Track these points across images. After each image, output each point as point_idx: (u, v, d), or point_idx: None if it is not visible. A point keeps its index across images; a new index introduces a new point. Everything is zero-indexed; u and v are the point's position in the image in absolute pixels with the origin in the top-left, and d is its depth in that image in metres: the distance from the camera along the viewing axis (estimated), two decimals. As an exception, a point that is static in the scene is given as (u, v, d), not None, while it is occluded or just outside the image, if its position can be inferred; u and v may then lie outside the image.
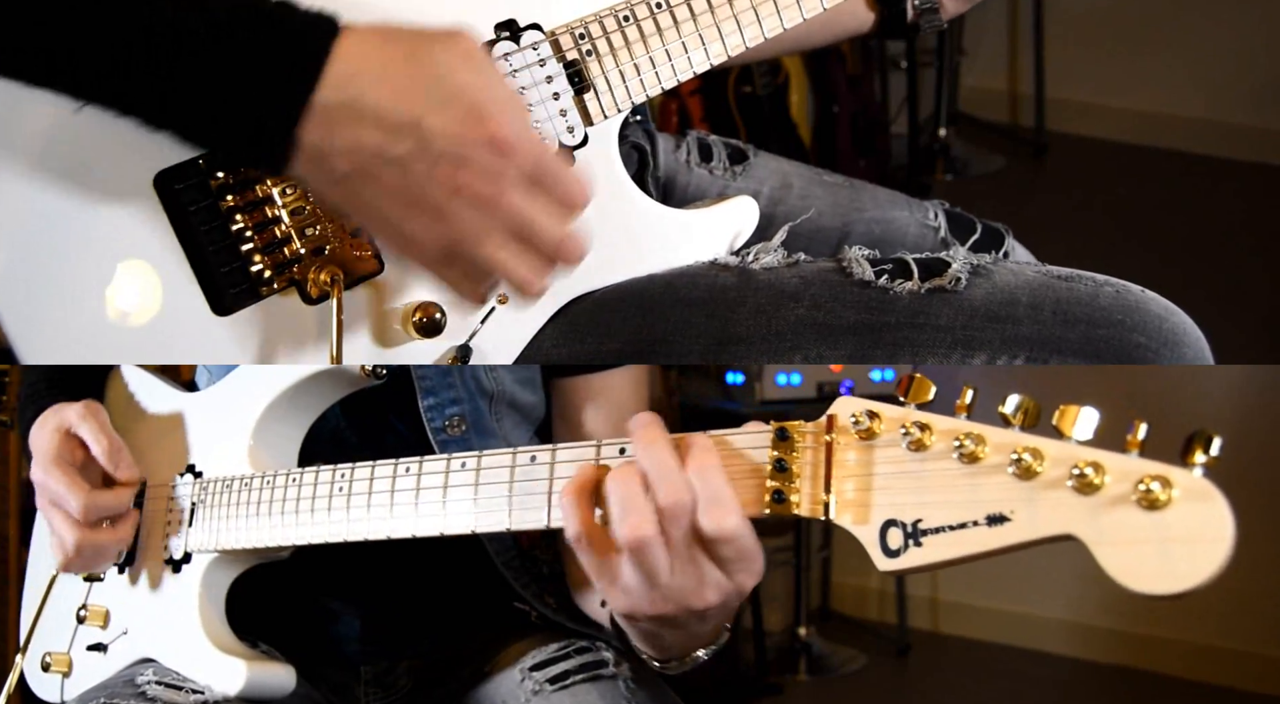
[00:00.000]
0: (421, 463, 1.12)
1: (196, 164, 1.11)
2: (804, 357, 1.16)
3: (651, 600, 0.94)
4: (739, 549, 0.92)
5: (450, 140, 0.99)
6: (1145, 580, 0.75)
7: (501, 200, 1.01)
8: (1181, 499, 0.75)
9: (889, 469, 0.87)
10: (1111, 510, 0.77)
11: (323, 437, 1.34)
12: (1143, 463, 0.77)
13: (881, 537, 0.86)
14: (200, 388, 1.47)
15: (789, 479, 0.91)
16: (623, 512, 0.92)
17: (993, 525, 0.81)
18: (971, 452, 0.82)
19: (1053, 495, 0.79)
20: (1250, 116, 4.04)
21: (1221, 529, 0.74)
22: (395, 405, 1.36)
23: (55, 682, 1.45)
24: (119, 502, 1.34)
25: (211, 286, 1.13)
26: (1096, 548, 0.77)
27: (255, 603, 1.35)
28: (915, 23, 1.46)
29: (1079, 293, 1.14)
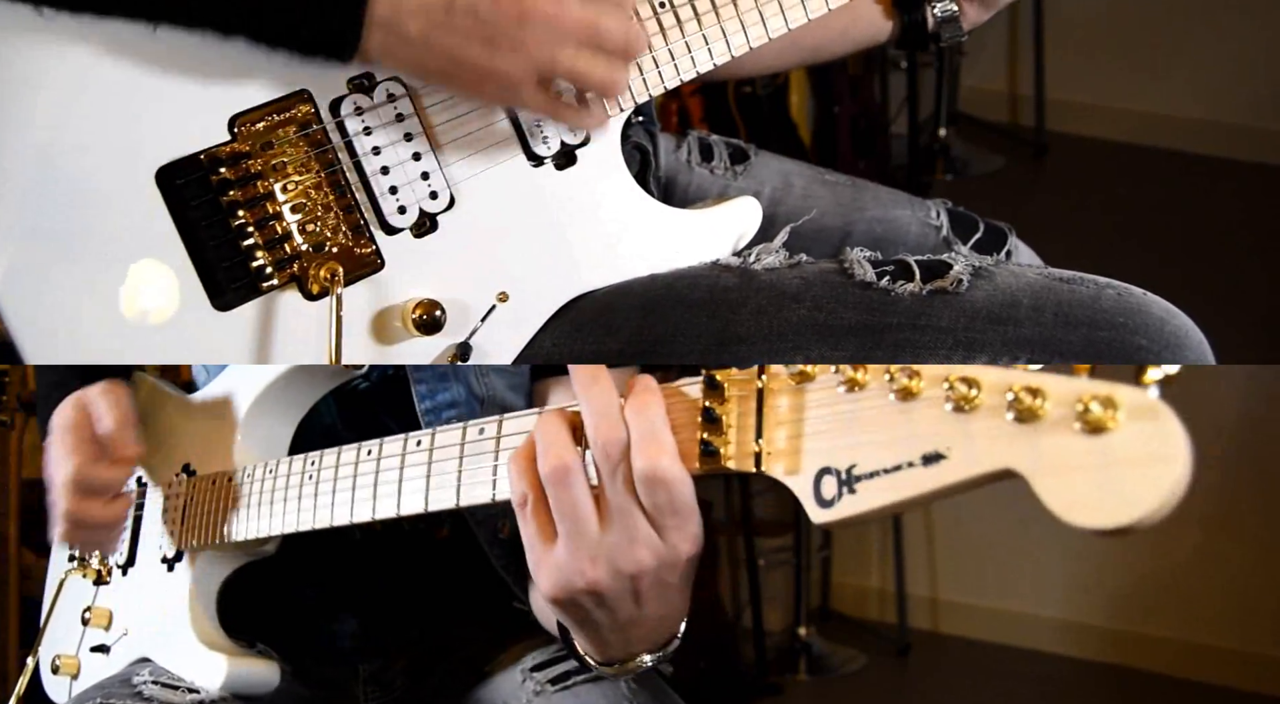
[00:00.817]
0: (381, 444, 1.12)
1: (198, 159, 1.11)
2: (805, 357, 1.15)
3: (580, 566, 0.90)
4: (672, 499, 0.87)
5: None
6: (1087, 513, 0.66)
7: (565, 12, 1.09)
8: (1127, 420, 0.66)
9: (822, 413, 0.80)
10: (1051, 437, 0.68)
11: (318, 436, 1.34)
12: (1086, 383, 0.68)
13: (815, 486, 0.79)
14: (199, 387, 1.47)
15: (719, 430, 0.85)
16: (545, 447, 0.90)
17: (929, 464, 0.73)
18: (905, 386, 0.75)
19: (990, 425, 0.71)
20: (1250, 117, 4.04)
21: (1172, 448, 0.65)
22: (388, 404, 1.36)
23: (64, 684, 1.45)
24: (113, 476, 1.34)
25: (212, 282, 1.13)
26: (1035, 480, 0.68)
27: (253, 602, 1.35)
28: (936, 32, 1.45)
29: (1081, 295, 1.14)
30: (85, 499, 1.34)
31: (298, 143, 1.14)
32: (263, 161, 1.13)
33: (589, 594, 0.92)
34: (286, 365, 1.28)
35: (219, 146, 1.12)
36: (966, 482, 0.72)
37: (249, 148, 1.13)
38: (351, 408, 1.37)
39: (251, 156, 1.13)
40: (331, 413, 1.36)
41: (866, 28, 1.48)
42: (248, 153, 1.13)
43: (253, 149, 1.13)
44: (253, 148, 1.13)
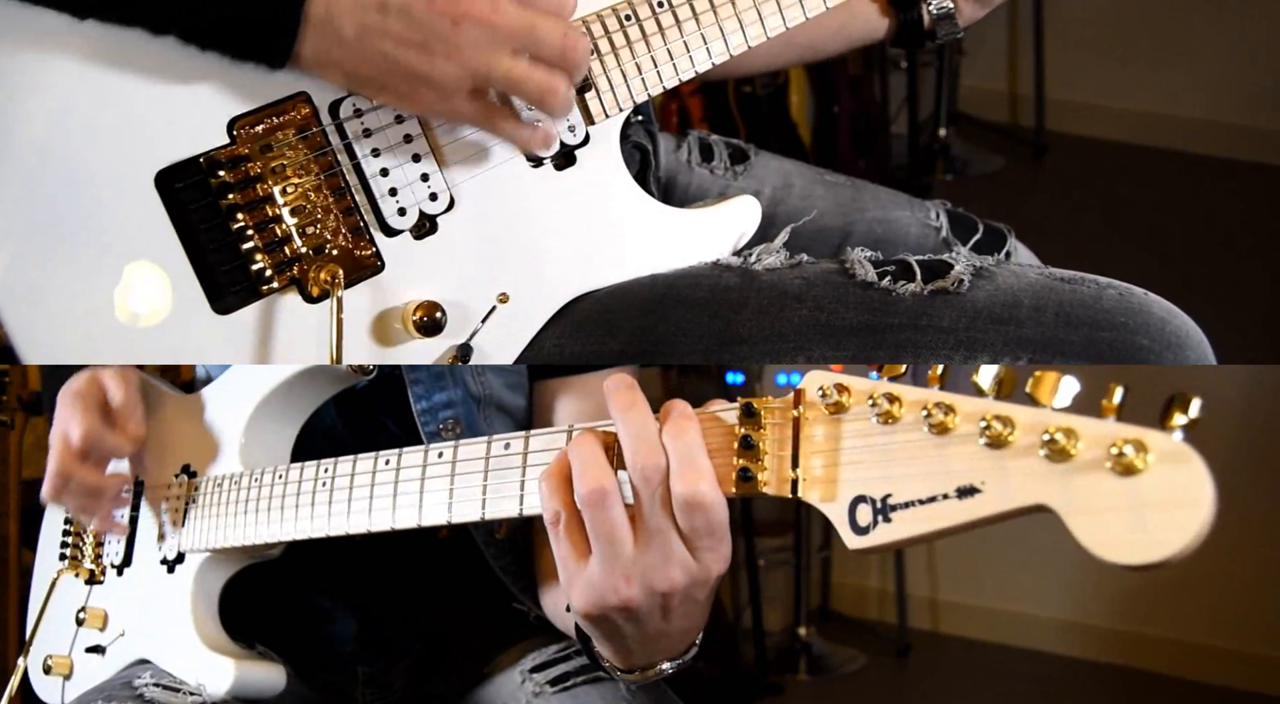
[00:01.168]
0: (400, 455, 1.12)
1: (197, 163, 1.11)
2: (807, 357, 1.15)
3: (614, 584, 0.92)
4: (709, 522, 0.90)
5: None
6: (1119, 550, 0.70)
7: (499, 16, 1.08)
8: (1157, 463, 0.70)
9: (857, 443, 0.83)
10: (1084, 477, 0.72)
11: (317, 436, 1.34)
12: (1117, 426, 0.72)
13: (850, 513, 0.82)
14: (199, 386, 1.47)
15: (755, 457, 0.89)
16: (582, 469, 0.91)
17: (963, 498, 0.77)
18: (940, 421, 0.78)
19: (1024, 464, 0.75)
20: (1250, 117, 4.04)
21: (1199, 493, 0.69)
22: (387, 405, 1.36)
23: (56, 684, 1.45)
24: (118, 445, 1.35)
25: (212, 285, 1.13)
26: (1069, 517, 0.72)
27: (253, 604, 1.35)
28: (932, 30, 1.45)
29: (1082, 295, 1.14)
30: (85, 462, 1.34)
31: (297, 145, 1.14)
32: (262, 164, 1.13)
33: (621, 610, 0.93)
34: (292, 367, 1.27)
35: (218, 150, 1.12)
36: (999, 515, 0.76)
37: (248, 151, 1.13)
38: (351, 408, 1.37)
39: (251, 159, 1.13)
40: (331, 413, 1.36)
41: (863, 26, 1.47)
42: (247, 156, 1.13)
43: (252, 152, 1.13)
44: (252, 151, 1.13)
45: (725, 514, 0.91)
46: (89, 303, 1.10)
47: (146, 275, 1.11)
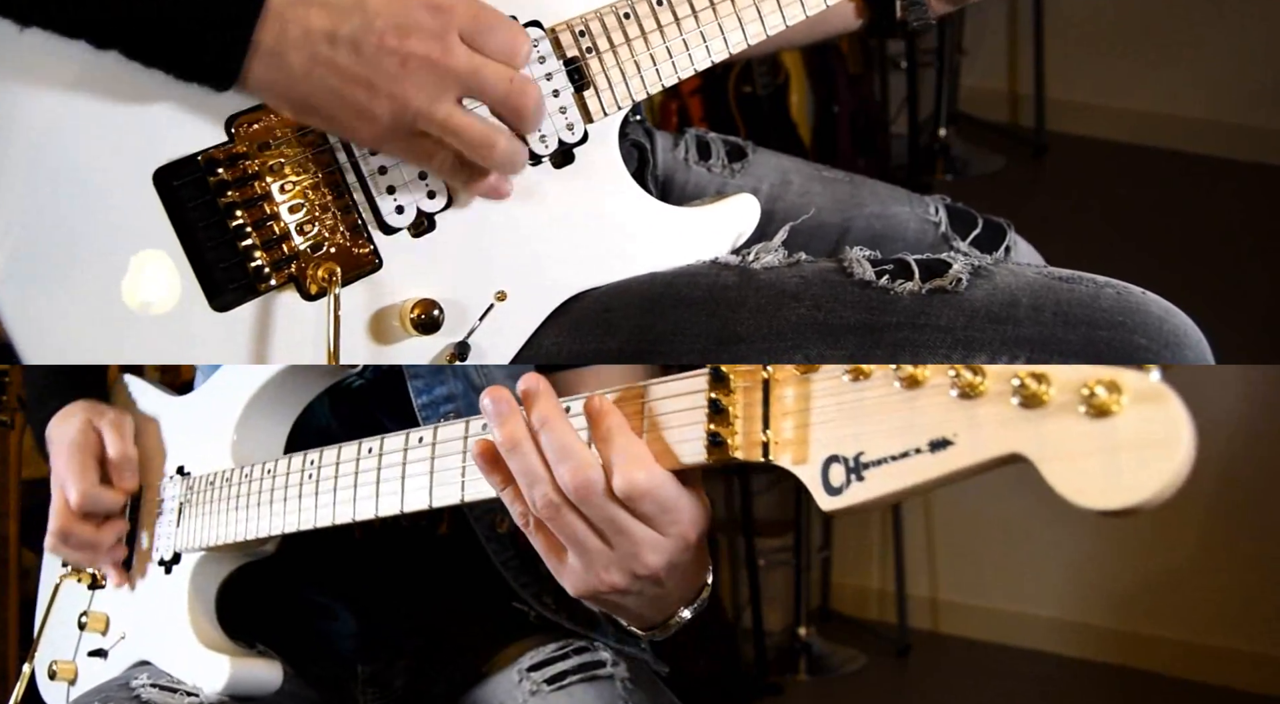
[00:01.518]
0: (383, 441, 1.13)
1: (195, 160, 1.11)
2: (805, 356, 1.15)
3: (597, 575, 0.95)
4: (659, 502, 0.91)
5: (392, 11, 1.05)
6: (1094, 495, 0.68)
7: (449, 58, 1.06)
8: (1132, 404, 0.68)
9: (828, 402, 0.82)
10: (1056, 422, 0.70)
11: (312, 436, 1.34)
12: (1089, 368, 0.70)
13: (823, 474, 0.81)
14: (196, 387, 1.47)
15: (725, 421, 0.88)
16: (529, 485, 0.94)
17: (935, 451, 0.75)
18: (910, 375, 0.77)
19: (995, 412, 0.73)
20: (1250, 116, 4.04)
21: (1175, 432, 0.67)
22: (384, 403, 1.36)
23: (61, 690, 1.45)
24: (113, 502, 1.39)
25: (210, 283, 1.13)
26: (1042, 464, 0.70)
27: (252, 603, 1.35)
28: (903, 19, 1.45)
29: (1080, 294, 1.14)
30: (83, 521, 1.38)
31: (295, 143, 1.14)
32: (260, 162, 1.13)
33: (612, 591, 0.96)
34: (279, 365, 1.27)
35: (216, 147, 1.12)
36: (974, 467, 0.74)
37: (246, 148, 1.13)
38: (346, 406, 1.37)
39: (249, 157, 1.13)
40: (326, 412, 1.36)
41: (835, 18, 1.47)
42: (245, 153, 1.13)
43: (250, 150, 1.13)
44: (250, 148, 1.13)
45: (672, 486, 0.92)
46: (88, 301, 1.10)
47: (145, 274, 1.11)
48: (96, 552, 1.40)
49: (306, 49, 1.04)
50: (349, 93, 1.06)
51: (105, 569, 1.42)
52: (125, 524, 1.40)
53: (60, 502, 1.38)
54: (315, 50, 1.04)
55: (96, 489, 1.37)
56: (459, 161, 1.13)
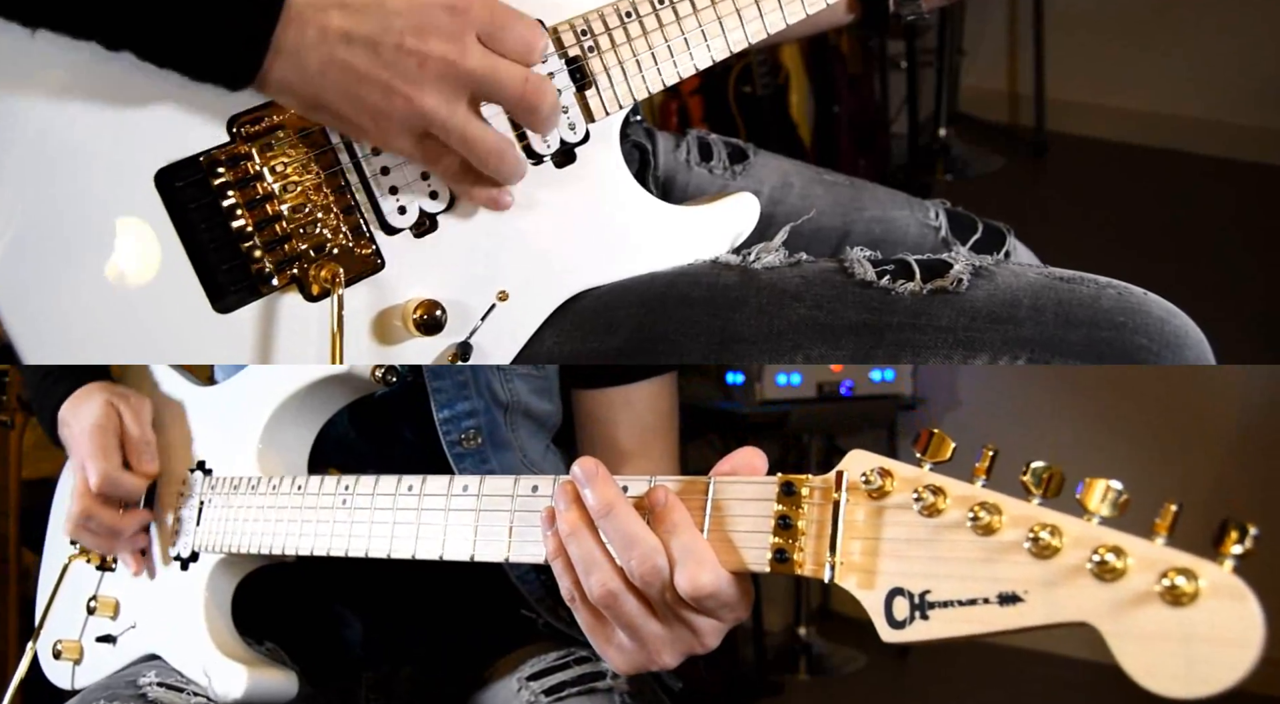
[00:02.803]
0: (424, 482, 1.12)
1: (197, 161, 1.11)
2: (805, 356, 1.15)
3: (649, 656, 0.95)
4: (720, 601, 0.91)
5: (410, 12, 1.05)
6: (1164, 681, 0.70)
7: (465, 60, 1.07)
8: (1208, 595, 0.70)
9: (899, 534, 0.82)
10: (1132, 602, 0.72)
11: (329, 442, 1.34)
12: (1168, 552, 0.72)
13: (887, 605, 0.82)
14: (217, 379, 1.47)
15: (793, 537, 0.88)
16: (584, 568, 0.93)
17: (1005, 605, 0.76)
18: (987, 523, 0.77)
19: (1071, 579, 0.74)
20: (1250, 116, 4.04)
21: (1250, 632, 0.69)
22: (405, 414, 1.35)
23: (66, 669, 1.45)
24: (134, 487, 1.37)
25: (212, 284, 1.13)
26: (1113, 640, 0.72)
27: (261, 604, 1.35)
28: (896, 13, 1.45)
29: (1081, 295, 1.14)
30: (105, 505, 1.37)
31: (297, 143, 1.14)
32: (262, 163, 1.13)
33: (663, 669, 0.97)
34: (311, 371, 1.27)
35: (218, 148, 1.12)
36: (1041, 626, 0.75)
37: (248, 149, 1.13)
38: (365, 414, 1.37)
39: (251, 158, 1.13)
40: (344, 419, 1.36)
41: (827, 13, 1.47)
42: (247, 154, 1.13)
43: (252, 150, 1.13)
44: (252, 149, 1.13)
45: (733, 588, 0.91)
46: (89, 302, 1.10)
47: (147, 274, 1.11)
48: (116, 539, 1.39)
49: (324, 49, 1.04)
50: (364, 93, 1.06)
51: (124, 557, 1.41)
52: (148, 513, 1.39)
53: (82, 483, 1.37)
54: (332, 50, 1.04)
55: (119, 472, 1.36)
56: (464, 167, 1.13)
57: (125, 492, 1.37)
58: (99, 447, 1.36)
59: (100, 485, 1.35)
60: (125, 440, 1.39)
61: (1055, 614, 0.74)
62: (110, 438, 1.37)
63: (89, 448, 1.36)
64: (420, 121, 1.08)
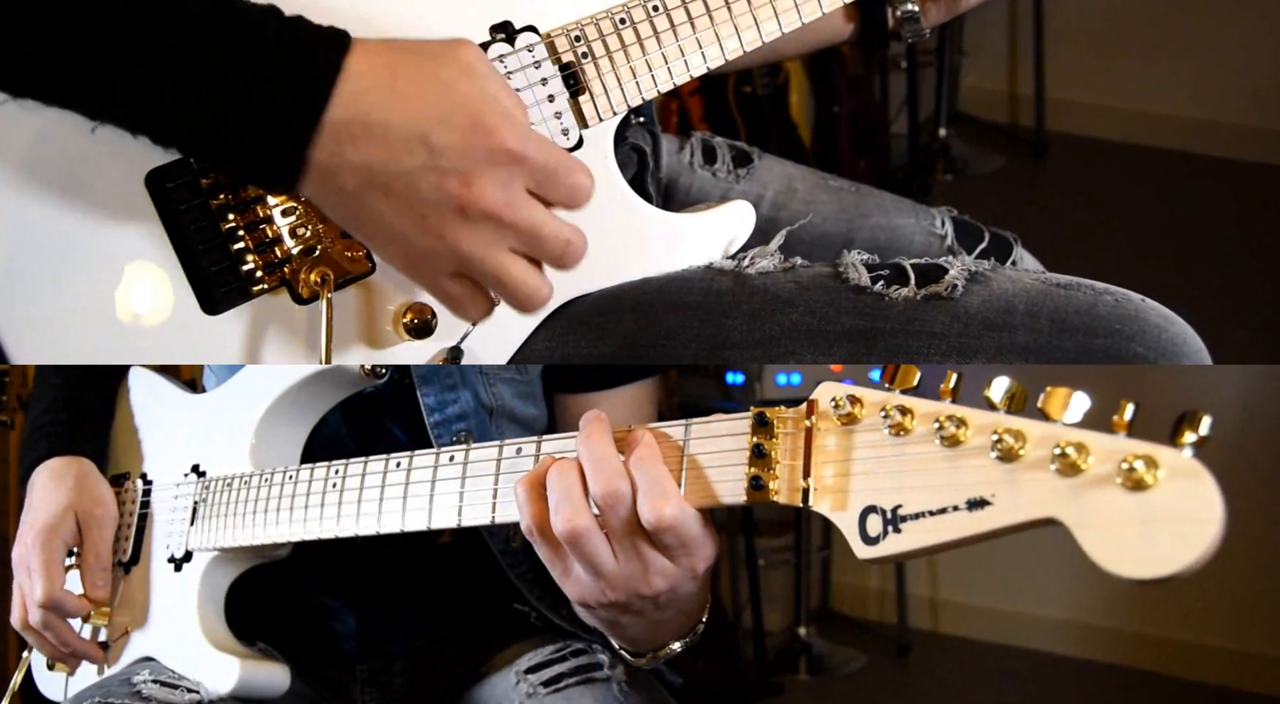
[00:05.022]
0: (412, 457, 1.13)
1: (188, 163, 1.11)
2: (798, 361, 1.15)
3: (600, 589, 0.96)
4: (681, 536, 0.93)
5: (458, 153, 1.00)
6: (1129, 564, 0.72)
7: (511, 210, 1.03)
8: (1168, 479, 0.72)
9: (869, 454, 0.85)
10: (1095, 491, 0.74)
11: (320, 441, 1.34)
12: (1128, 442, 0.74)
13: (860, 523, 0.84)
14: (206, 388, 1.47)
15: (767, 465, 0.90)
16: (557, 503, 0.95)
17: (973, 510, 0.78)
18: (953, 434, 0.80)
19: (1035, 477, 0.76)
20: (1250, 116, 4.04)
21: (1209, 509, 0.71)
22: (394, 411, 1.35)
23: (60, 680, 1.45)
24: (78, 609, 1.37)
25: (202, 285, 1.12)
26: (1078, 530, 0.74)
27: (254, 601, 1.35)
28: (896, 31, 1.44)
29: (1077, 301, 1.13)
30: (46, 613, 1.36)
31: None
32: (253, 164, 1.13)
33: (612, 607, 0.98)
34: (304, 369, 1.27)
35: (209, 150, 1.12)
36: (1009, 527, 0.78)
37: (240, 151, 1.12)
38: (355, 413, 1.37)
39: (242, 160, 1.12)
40: (335, 417, 1.36)
41: (825, 29, 1.46)
42: (238, 156, 1.12)
43: (243, 152, 1.12)
44: (243, 151, 1.12)
45: (696, 524, 0.93)
46: (78, 303, 1.10)
47: (137, 275, 1.11)
48: (65, 646, 1.39)
49: (361, 175, 1.00)
50: (397, 225, 1.03)
51: (77, 656, 1.41)
52: (100, 653, 1.40)
53: (20, 600, 1.36)
54: (370, 177, 1.00)
55: (62, 594, 1.35)
56: (489, 308, 1.11)
57: (69, 612, 1.37)
58: (43, 560, 1.34)
59: (44, 603, 1.34)
60: (82, 562, 1.38)
61: (1021, 512, 0.77)
62: (56, 554, 1.36)
63: (34, 556, 1.35)
64: (451, 262, 1.05)
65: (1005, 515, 0.77)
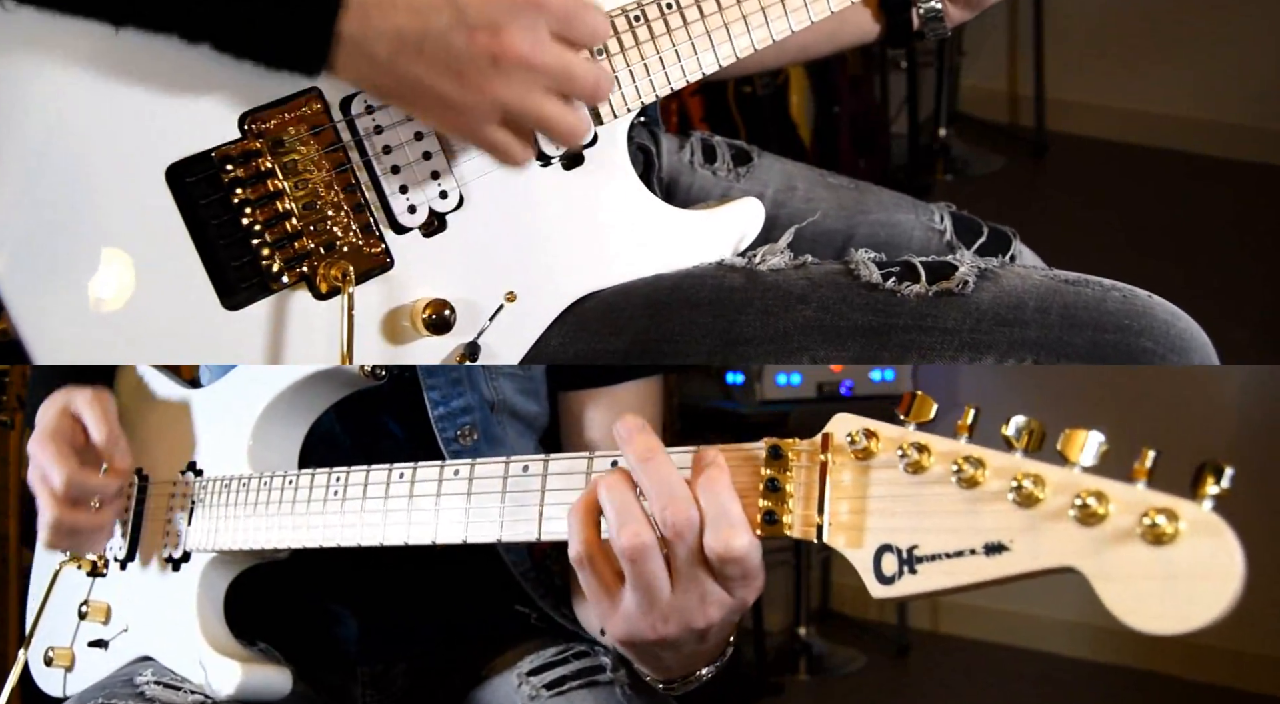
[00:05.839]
0: (415, 469, 1.12)
1: (208, 157, 1.11)
2: (811, 358, 1.16)
3: (651, 623, 0.94)
4: (744, 569, 0.91)
5: (483, 6, 1.05)
6: (1148, 619, 0.71)
7: (541, 54, 1.08)
8: (1189, 534, 0.71)
9: (885, 492, 0.84)
10: (1115, 544, 0.73)
11: (317, 438, 1.34)
12: (1149, 494, 0.73)
13: (875, 562, 0.83)
14: (203, 381, 1.47)
15: (781, 499, 0.89)
16: (619, 519, 0.92)
17: (991, 555, 0.78)
18: (971, 476, 0.79)
19: (1054, 526, 0.75)
20: (1250, 116, 4.04)
21: (1230, 567, 0.70)
22: (393, 409, 1.35)
23: (58, 676, 1.45)
24: (104, 485, 1.35)
25: (222, 281, 1.13)
26: (1098, 582, 0.73)
27: (255, 602, 1.35)
28: (920, 30, 1.46)
29: (1086, 297, 1.14)
30: (74, 508, 1.34)
31: (309, 141, 1.14)
32: (273, 160, 1.13)
33: (658, 643, 0.95)
34: (301, 369, 1.27)
35: (229, 144, 1.12)
36: (1027, 574, 0.77)
37: (259, 146, 1.13)
38: (354, 412, 1.36)
39: (262, 155, 1.13)
40: (332, 417, 1.35)
41: (854, 30, 1.48)
42: (258, 151, 1.13)
43: (263, 147, 1.13)
44: (263, 146, 1.13)
45: (759, 557, 0.91)
46: (99, 299, 1.10)
47: (158, 271, 1.11)
48: (99, 536, 1.38)
49: (394, 41, 1.05)
50: (437, 84, 1.07)
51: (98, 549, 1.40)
52: (120, 504, 1.38)
53: (47, 494, 1.34)
54: (404, 43, 1.05)
55: (81, 473, 1.33)
56: (533, 152, 1.16)
57: (93, 491, 1.35)
58: (53, 452, 1.33)
59: (66, 490, 1.32)
60: (93, 442, 1.36)
61: (1040, 560, 0.76)
62: (61, 444, 1.34)
63: (44, 457, 1.34)
64: (495, 112, 1.09)
65: (1024, 562, 0.77)
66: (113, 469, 1.35)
